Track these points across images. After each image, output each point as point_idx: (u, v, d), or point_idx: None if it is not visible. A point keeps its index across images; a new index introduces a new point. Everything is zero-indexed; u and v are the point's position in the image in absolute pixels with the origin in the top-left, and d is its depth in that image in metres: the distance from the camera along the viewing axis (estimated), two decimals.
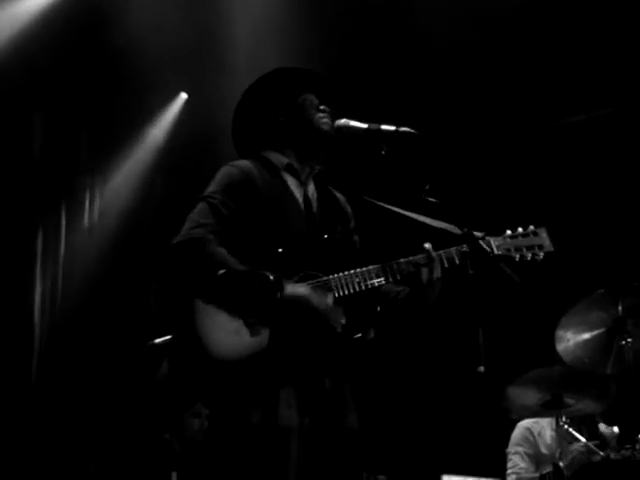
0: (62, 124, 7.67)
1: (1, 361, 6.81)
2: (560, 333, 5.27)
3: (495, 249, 3.52)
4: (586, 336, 5.29)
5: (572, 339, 5.27)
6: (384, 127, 3.53)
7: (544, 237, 3.59)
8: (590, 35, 6.93)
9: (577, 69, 7.19)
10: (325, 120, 3.69)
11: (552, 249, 3.58)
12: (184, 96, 8.33)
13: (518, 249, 3.55)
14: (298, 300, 3.28)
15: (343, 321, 3.35)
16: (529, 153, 7.65)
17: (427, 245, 3.47)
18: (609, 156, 7.31)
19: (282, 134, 3.73)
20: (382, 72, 7.45)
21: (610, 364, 5.24)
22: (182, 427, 5.81)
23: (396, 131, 3.50)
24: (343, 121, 3.64)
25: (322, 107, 3.72)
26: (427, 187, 3.42)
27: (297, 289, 3.30)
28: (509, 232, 3.60)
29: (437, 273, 3.45)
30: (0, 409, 6.67)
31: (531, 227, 3.59)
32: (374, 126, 3.55)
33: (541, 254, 3.56)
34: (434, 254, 3.46)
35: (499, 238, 3.57)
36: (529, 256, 3.56)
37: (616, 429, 5.52)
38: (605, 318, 5.28)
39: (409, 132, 3.50)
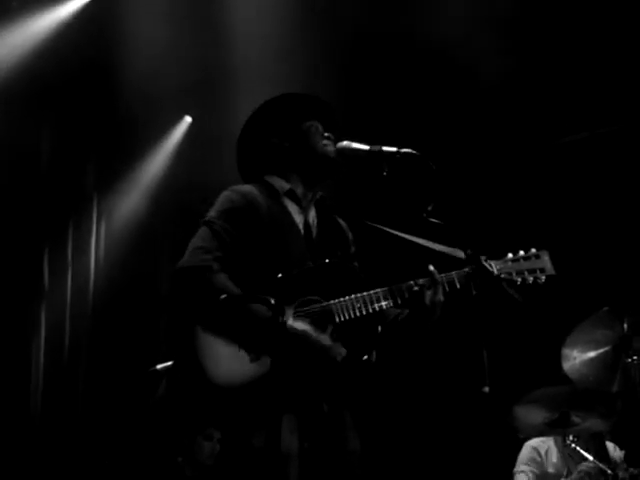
0: (69, 146, 7.69)
1: (8, 382, 6.81)
2: (566, 351, 5.27)
3: (496, 272, 3.53)
4: (592, 354, 5.28)
5: (578, 357, 5.26)
6: (386, 148, 3.54)
7: (546, 260, 3.60)
8: (593, 52, 6.93)
9: (580, 87, 7.19)
10: (330, 148, 3.70)
11: (554, 272, 3.58)
12: (188, 119, 8.37)
13: (520, 272, 3.56)
14: (297, 336, 3.29)
15: (343, 353, 3.35)
16: (531, 171, 7.64)
17: (431, 268, 3.48)
18: (612, 174, 7.30)
19: (286, 159, 3.74)
20: (383, 93, 7.47)
21: (616, 382, 5.23)
22: (194, 450, 5.79)
23: (397, 152, 3.52)
24: (345, 143, 3.65)
25: (327, 134, 3.74)
26: (429, 208, 3.43)
27: (296, 325, 3.31)
28: (510, 255, 3.61)
29: (439, 297, 3.46)
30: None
31: (533, 250, 3.60)
32: (376, 148, 3.57)
33: (543, 277, 3.57)
34: (438, 277, 3.47)
35: (500, 261, 3.58)
36: (531, 279, 3.56)
37: (622, 453, 5.52)
38: (611, 336, 5.27)
39: (410, 153, 3.52)
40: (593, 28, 6.82)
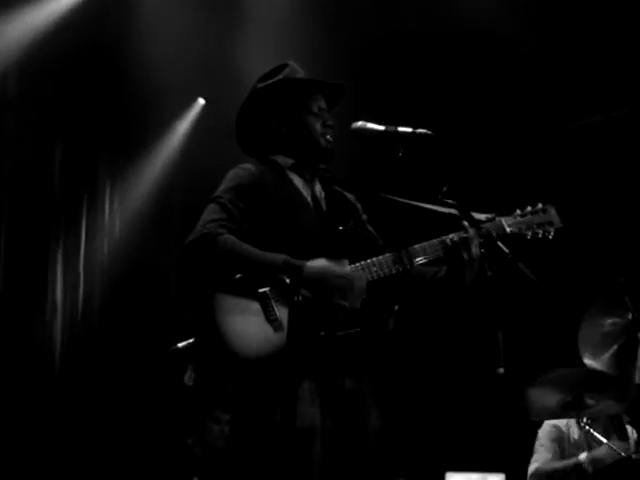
0: (82, 132, 7.71)
1: (24, 370, 6.85)
2: (582, 348, 5.23)
3: (507, 228, 3.54)
4: (607, 355, 5.26)
5: (595, 362, 5.23)
6: (401, 129, 3.54)
7: (553, 213, 3.64)
8: (607, 35, 6.91)
9: (594, 70, 7.17)
10: (328, 137, 3.71)
11: (561, 225, 3.61)
12: (202, 102, 8.37)
13: (529, 227, 3.59)
14: (320, 272, 3.30)
15: (365, 280, 3.35)
16: (546, 155, 7.63)
17: (465, 222, 3.48)
18: (627, 157, 7.28)
19: (284, 142, 3.75)
20: (399, 74, 7.47)
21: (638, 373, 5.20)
22: (203, 433, 5.80)
23: (413, 133, 3.51)
24: (360, 123, 3.64)
25: (329, 123, 3.74)
26: (444, 189, 3.43)
27: (315, 263, 3.32)
28: (519, 211, 3.64)
29: (476, 251, 3.46)
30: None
31: (539, 204, 3.63)
32: (391, 128, 3.56)
33: (552, 231, 3.60)
34: (471, 230, 3.47)
35: (510, 217, 3.60)
36: (540, 233, 3.59)
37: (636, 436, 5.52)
38: (620, 323, 5.25)
39: (426, 134, 3.51)
40: (606, 11, 6.80)
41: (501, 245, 3.51)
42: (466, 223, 3.48)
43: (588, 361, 5.21)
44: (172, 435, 6.15)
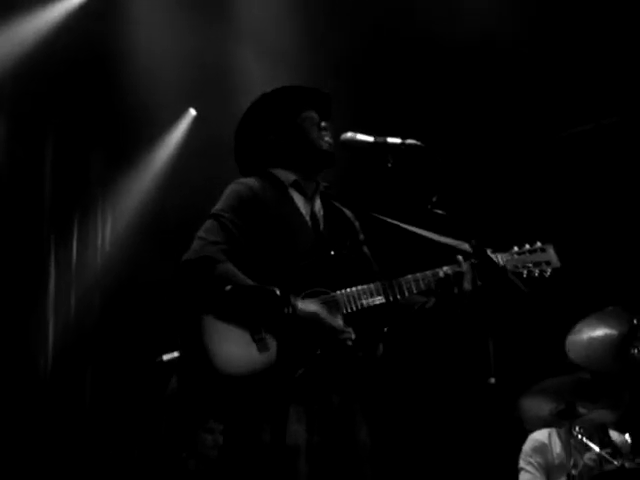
0: (74, 140, 7.70)
1: (15, 381, 6.83)
2: (572, 337, 5.22)
3: (502, 264, 3.53)
4: (599, 333, 5.22)
5: (586, 338, 5.20)
6: (390, 140, 3.54)
7: (551, 253, 3.61)
8: (597, 43, 6.92)
9: (584, 78, 7.18)
10: (327, 139, 3.71)
11: (559, 265, 3.59)
12: (193, 112, 8.36)
13: (525, 265, 3.57)
14: (310, 317, 3.29)
15: (353, 337, 3.35)
16: (536, 164, 7.63)
17: (459, 257, 3.48)
18: (617, 166, 7.29)
19: (284, 154, 3.74)
20: (387, 85, 7.47)
21: (622, 370, 5.20)
22: (196, 443, 5.78)
23: (402, 144, 3.51)
24: (349, 134, 3.64)
25: (323, 124, 3.74)
26: (434, 199, 3.42)
27: (309, 306, 3.32)
28: (516, 248, 3.61)
29: (468, 285, 3.45)
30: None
31: (538, 243, 3.61)
32: (380, 139, 3.56)
33: (548, 270, 3.57)
34: (465, 265, 3.46)
35: (506, 254, 3.58)
36: (537, 273, 3.56)
37: (628, 437, 5.49)
38: (618, 327, 5.24)
39: (415, 144, 3.51)
40: (596, 18, 6.81)
41: (492, 255, 3.51)
42: (460, 257, 3.48)
43: (574, 338, 5.19)
44: (162, 447, 6.13)
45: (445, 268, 3.49)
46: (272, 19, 7.12)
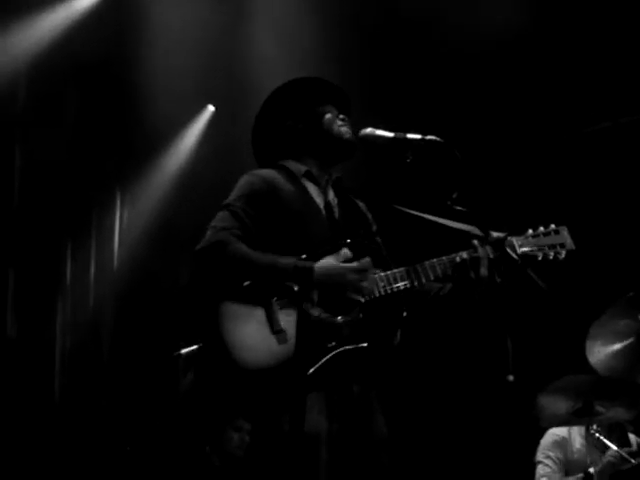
0: (91, 140, 7.72)
1: (29, 371, 6.86)
2: (590, 344, 5.22)
3: (518, 248, 3.53)
4: (617, 346, 5.23)
5: (602, 350, 5.21)
6: (410, 136, 3.54)
7: (565, 235, 3.60)
8: (617, 41, 6.90)
9: (603, 76, 7.15)
10: (345, 129, 3.71)
11: (573, 247, 3.59)
12: (211, 108, 8.37)
13: (540, 248, 3.57)
14: (331, 270, 3.33)
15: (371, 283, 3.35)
16: (555, 161, 7.61)
17: (475, 242, 3.48)
18: (635, 163, 7.26)
19: (301, 141, 3.75)
20: (408, 80, 7.47)
21: None
22: (222, 440, 5.78)
23: (422, 139, 3.52)
24: (369, 130, 3.65)
25: (342, 116, 3.75)
26: (454, 195, 3.42)
27: (325, 263, 3.35)
28: (531, 231, 3.61)
29: (484, 271, 3.45)
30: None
31: (552, 226, 3.60)
32: (400, 135, 3.56)
33: (563, 253, 3.57)
34: (481, 250, 3.46)
35: (521, 237, 3.58)
36: (551, 255, 3.56)
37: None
38: (634, 326, 5.23)
39: (435, 140, 3.51)
40: (617, 16, 6.79)
41: (510, 251, 3.50)
42: (476, 242, 3.48)
43: (592, 357, 5.18)
44: (188, 442, 6.14)
45: (461, 253, 3.49)
46: (291, 15, 7.12)
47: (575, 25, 6.92)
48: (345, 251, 3.40)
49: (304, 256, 3.39)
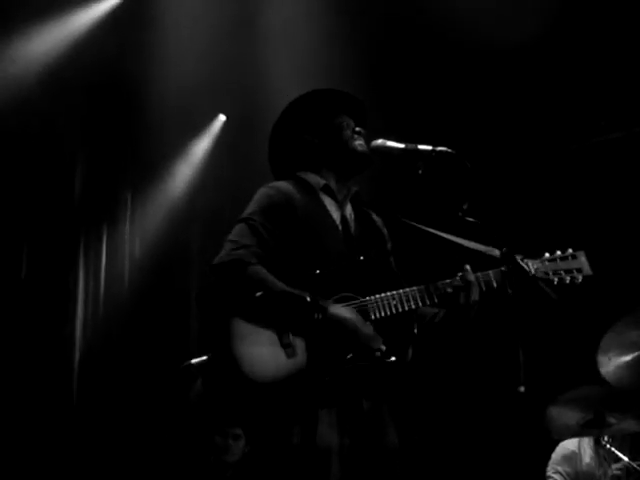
0: (104, 146, 7.74)
1: (46, 385, 6.88)
2: (601, 356, 5.19)
3: (533, 272, 3.51)
4: (628, 358, 5.21)
5: (614, 361, 5.19)
6: (421, 147, 3.55)
7: (583, 261, 3.57)
8: (629, 51, 6.89)
9: (616, 85, 7.14)
10: (361, 142, 3.72)
11: (590, 273, 3.56)
12: (222, 118, 8.38)
13: (556, 272, 3.55)
14: (341, 323, 3.29)
15: (383, 347, 3.35)
16: (567, 171, 7.59)
17: (467, 267, 3.47)
18: None
19: (319, 155, 3.75)
20: (417, 94, 7.47)
21: None
22: (223, 450, 5.78)
23: (433, 151, 3.52)
24: (380, 141, 3.66)
25: (358, 129, 3.75)
26: (465, 206, 3.42)
27: (340, 311, 3.32)
28: (547, 255, 3.59)
29: (475, 296, 3.45)
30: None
31: (569, 250, 3.58)
32: (411, 146, 3.57)
33: (580, 278, 3.55)
34: (472, 277, 3.46)
35: (537, 261, 3.56)
36: (568, 280, 3.54)
37: None
38: None
39: (446, 152, 3.52)
40: (629, 24, 6.77)
41: (522, 263, 3.49)
42: (467, 267, 3.47)
43: (603, 368, 5.16)
44: (190, 451, 6.14)
45: (455, 280, 3.48)
46: (301, 22, 7.13)
47: (587, 33, 6.91)
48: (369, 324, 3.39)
49: (318, 272, 3.39)
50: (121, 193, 8.01)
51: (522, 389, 3.26)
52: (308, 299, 3.27)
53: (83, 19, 7.10)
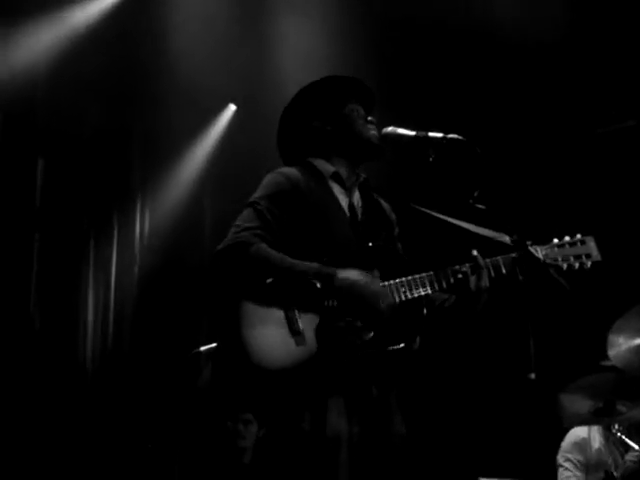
0: (112, 138, 7.76)
1: (55, 369, 6.91)
2: (612, 338, 5.18)
3: (542, 258, 3.51)
4: (639, 342, 5.20)
5: (624, 344, 5.17)
6: (432, 134, 3.54)
7: (592, 246, 3.56)
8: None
9: (628, 74, 7.13)
10: (373, 132, 3.71)
11: (600, 258, 3.55)
12: (233, 107, 8.39)
13: (565, 258, 3.53)
14: (351, 284, 3.30)
15: (391, 301, 3.36)
16: (577, 159, 7.58)
17: (475, 252, 3.47)
18: None
19: (329, 142, 3.74)
20: (430, 79, 7.47)
21: None
22: (234, 435, 5.79)
23: (444, 138, 3.51)
24: (390, 129, 3.66)
25: (369, 118, 3.75)
26: (475, 194, 3.42)
27: (348, 274, 3.32)
28: (556, 241, 3.58)
29: (485, 282, 3.45)
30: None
31: (578, 236, 3.57)
32: (422, 133, 3.57)
33: (589, 263, 3.54)
34: (482, 262, 3.46)
35: (546, 247, 3.55)
36: (577, 265, 3.53)
37: None
38: None
39: (457, 139, 3.51)
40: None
41: (533, 250, 3.50)
42: (475, 253, 3.47)
43: (612, 350, 5.14)
44: (201, 438, 6.16)
45: (465, 266, 3.47)
46: (314, 14, 7.15)
47: (601, 22, 6.90)
48: (376, 275, 3.41)
49: (325, 259, 3.39)
50: (132, 183, 8.04)
51: (533, 376, 3.27)
52: (316, 265, 3.29)
53: (91, 12, 7.11)
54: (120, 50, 7.25)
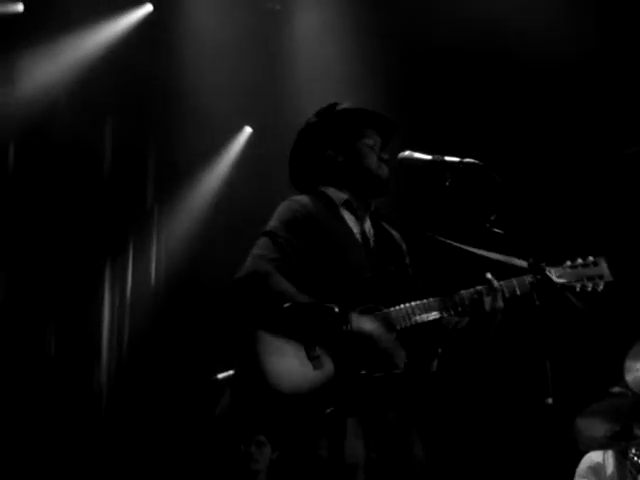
0: (129, 157, 7.79)
1: (70, 395, 6.92)
2: (630, 363, 5.17)
3: (555, 279, 3.51)
4: None
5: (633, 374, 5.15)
6: (448, 158, 3.55)
7: (604, 267, 3.57)
8: None
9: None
10: (383, 170, 3.72)
11: (612, 279, 3.56)
12: (249, 130, 8.42)
13: (578, 279, 3.54)
14: (364, 335, 3.30)
15: (404, 359, 3.36)
16: (597, 182, 7.56)
17: (489, 275, 3.47)
18: None
19: (339, 173, 3.76)
20: (444, 103, 7.47)
21: None
22: (246, 458, 5.77)
23: (460, 162, 3.52)
24: (407, 153, 3.66)
25: (383, 156, 3.75)
26: (492, 218, 3.42)
27: (365, 323, 3.32)
28: (569, 262, 3.58)
29: (499, 303, 3.45)
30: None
31: (590, 257, 3.58)
32: (438, 158, 3.58)
33: (601, 284, 3.54)
34: (496, 284, 3.46)
35: (559, 268, 3.56)
36: (590, 287, 3.54)
37: None
38: None
39: (473, 163, 3.52)
40: None
41: (549, 274, 3.49)
42: (489, 275, 3.46)
43: (630, 375, 5.11)
44: (216, 464, 6.14)
45: (479, 288, 3.48)
46: (326, 42, 7.17)
47: (627, 40, 6.88)
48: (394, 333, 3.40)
49: (341, 285, 3.40)
50: (148, 204, 8.06)
51: (550, 401, 3.26)
52: (336, 310, 3.28)
53: (109, 34, 7.16)
54: (139, 71, 7.29)
